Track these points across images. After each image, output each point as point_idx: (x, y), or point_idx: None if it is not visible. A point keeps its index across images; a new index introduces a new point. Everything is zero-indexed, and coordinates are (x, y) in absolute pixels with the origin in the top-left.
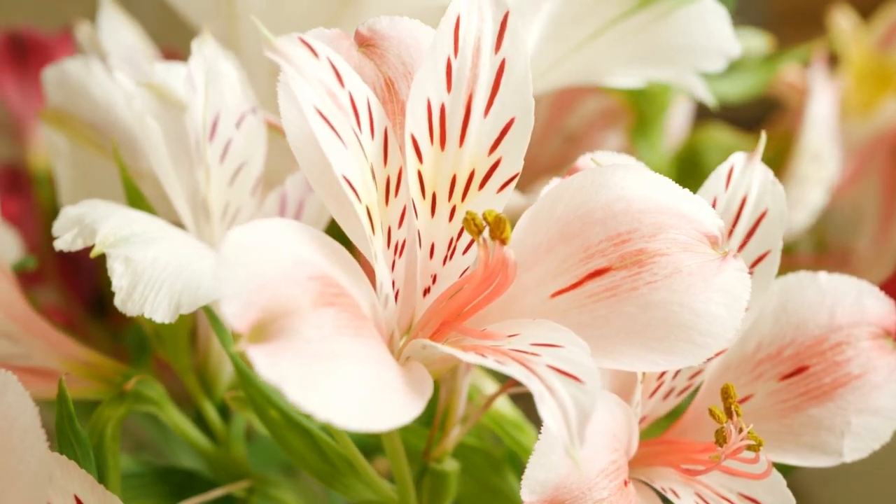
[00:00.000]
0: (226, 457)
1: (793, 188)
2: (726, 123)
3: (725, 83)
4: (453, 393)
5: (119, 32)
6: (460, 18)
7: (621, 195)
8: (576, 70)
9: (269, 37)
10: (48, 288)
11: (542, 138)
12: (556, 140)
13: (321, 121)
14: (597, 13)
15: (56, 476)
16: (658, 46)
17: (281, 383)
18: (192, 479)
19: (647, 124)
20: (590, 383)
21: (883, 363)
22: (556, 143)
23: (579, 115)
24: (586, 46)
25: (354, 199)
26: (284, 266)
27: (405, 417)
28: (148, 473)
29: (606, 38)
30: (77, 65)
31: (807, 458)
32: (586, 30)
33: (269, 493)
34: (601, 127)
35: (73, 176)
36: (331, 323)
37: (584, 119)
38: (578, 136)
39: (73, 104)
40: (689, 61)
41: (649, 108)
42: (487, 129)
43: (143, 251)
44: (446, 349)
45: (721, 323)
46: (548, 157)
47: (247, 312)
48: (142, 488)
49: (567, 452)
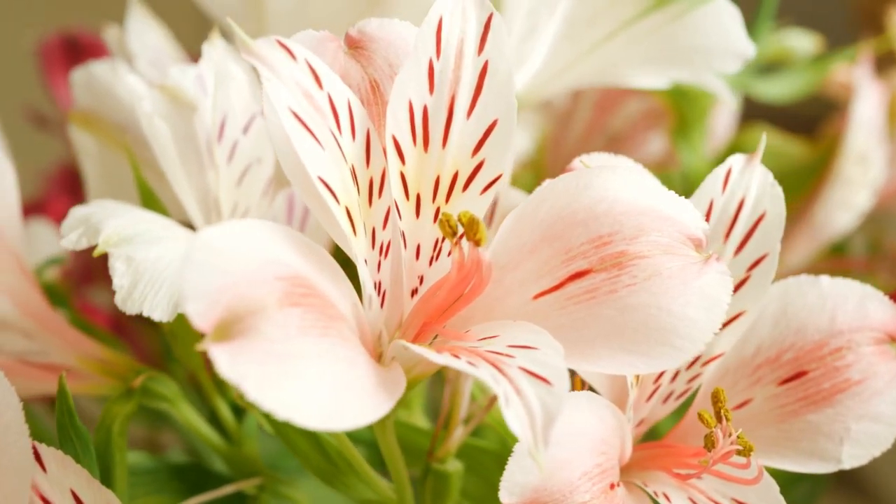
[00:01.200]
0: (238, 454)
1: (837, 190)
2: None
3: (774, 84)
4: (456, 393)
5: (146, 35)
6: (443, 20)
7: (604, 197)
8: (591, 71)
9: (245, 39)
10: (99, 288)
11: (586, 139)
12: (599, 141)
13: (296, 122)
14: (611, 14)
15: (52, 471)
16: (673, 47)
17: (240, 382)
18: (207, 475)
19: (688, 126)
20: (558, 385)
21: (885, 369)
22: (600, 144)
23: (622, 115)
24: (601, 47)
25: (332, 201)
26: (252, 266)
27: (369, 417)
28: (162, 469)
29: (621, 39)
30: (103, 67)
31: (804, 464)
32: (601, 31)
33: (279, 490)
34: (644, 128)
35: (100, 176)
36: (296, 323)
37: (626, 120)
38: (622, 138)
39: (100, 106)
40: (705, 62)
41: (690, 109)
42: (470, 131)
43: (146, 251)
44: (418, 350)
45: (699, 326)
46: None
47: (210, 311)
48: (156, 484)
49: (530, 454)
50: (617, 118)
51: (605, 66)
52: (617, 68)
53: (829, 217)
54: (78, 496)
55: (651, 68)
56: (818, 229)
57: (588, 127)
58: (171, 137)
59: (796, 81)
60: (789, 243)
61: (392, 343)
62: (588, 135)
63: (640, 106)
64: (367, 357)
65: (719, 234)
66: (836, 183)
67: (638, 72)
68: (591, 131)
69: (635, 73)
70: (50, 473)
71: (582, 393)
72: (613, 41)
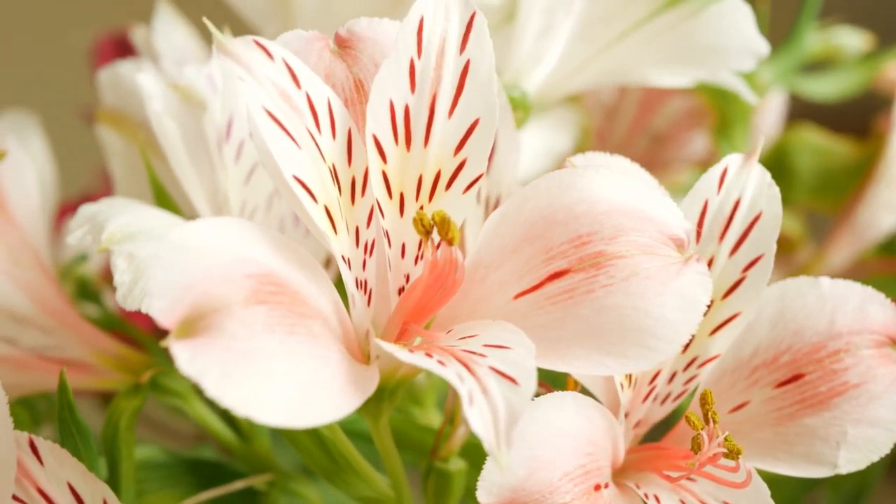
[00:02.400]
0: (250, 451)
1: (883, 191)
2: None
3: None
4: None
5: (172, 35)
6: (424, 19)
7: (586, 197)
8: (607, 69)
9: (221, 39)
10: None
11: (629, 139)
12: (642, 140)
13: (271, 121)
14: (625, 13)
15: (49, 463)
16: (688, 46)
17: (199, 378)
18: (221, 470)
19: (729, 125)
20: (525, 385)
21: (884, 372)
22: (643, 144)
23: (665, 114)
24: (616, 46)
25: (308, 199)
26: (220, 264)
27: (334, 415)
28: (176, 464)
29: (636, 37)
30: (129, 67)
31: (799, 468)
32: (615, 29)
33: (289, 487)
34: (687, 127)
35: (127, 174)
36: (261, 320)
37: (669, 119)
38: (665, 137)
39: (125, 105)
40: (721, 60)
41: (730, 108)
42: (452, 130)
43: (148, 248)
44: (388, 348)
45: (676, 327)
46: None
47: (174, 309)
48: (170, 478)
49: (491, 454)
50: (660, 117)
51: (620, 64)
52: (633, 67)
53: (875, 218)
54: (75, 489)
55: (668, 67)
56: (863, 229)
57: (632, 125)
58: (179, 137)
59: (845, 79)
60: (833, 243)
61: (371, 342)
62: (632, 133)
63: (683, 105)
64: (342, 355)
65: (714, 234)
66: (882, 183)
67: (655, 70)
68: (634, 130)
69: (652, 72)
70: (47, 466)
71: (568, 393)
72: (628, 40)
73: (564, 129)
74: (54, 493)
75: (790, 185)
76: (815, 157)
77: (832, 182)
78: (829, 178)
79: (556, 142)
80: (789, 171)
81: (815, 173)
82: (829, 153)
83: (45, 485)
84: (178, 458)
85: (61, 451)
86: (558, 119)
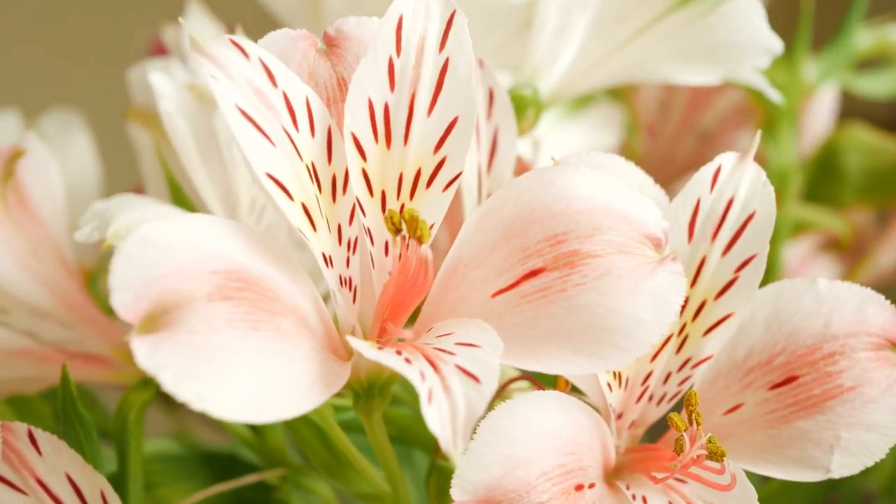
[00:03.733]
0: (264, 445)
1: None
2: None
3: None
4: None
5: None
6: (403, 18)
7: (564, 195)
8: (622, 68)
9: (196, 38)
10: None
11: (677, 137)
12: (690, 139)
13: (243, 120)
14: (638, 11)
15: (48, 454)
16: (703, 44)
17: (157, 372)
18: (236, 464)
19: (774, 123)
20: (486, 383)
21: (881, 376)
22: (691, 142)
23: (713, 112)
24: (631, 44)
25: (282, 197)
26: (186, 260)
27: (294, 411)
28: (192, 457)
29: (650, 35)
30: (158, 66)
31: (792, 472)
32: (629, 27)
33: (301, 482)
34: (735, 125)
35: (156, 172)
36: (224, 316)
37: (717, 117)
38: (713, 135)
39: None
40: (738, 58)
41: (775, 106)
42: (431, 128)
43: None
44: (356, 344)
45: (647, 327)
46: (683, 156)
47: (137, 304)
48: (185, 471)
49: (448, 451)
50: (708, 114)
51: (636, 62)
52: (649, 65)
53: None
54: (73, 480)
55: (684, 65)
56: None
57: (680, 122)
58: (190, 136)
59: None
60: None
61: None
62: (680, 131)
63: (731, 102)
64: (314, 352)
65: (707, 233)
66: None
67: (671, 68)
68: (682, 127)
69: (669, 70)
70: (45, 457)
71: (551, 393)
72: (643, 38)
73: (608, 127)
74: (53, 484)
75: (839, 185)
76: (865, 157)
77: (881, 182)
78: (879, 178)
79: (600, 139)
80: (838, 171)
81: (865, 173)
82: (879, 152)
83: (43, 475)
84: (193, 451)
85: (59, 442)
86: (602, 116)
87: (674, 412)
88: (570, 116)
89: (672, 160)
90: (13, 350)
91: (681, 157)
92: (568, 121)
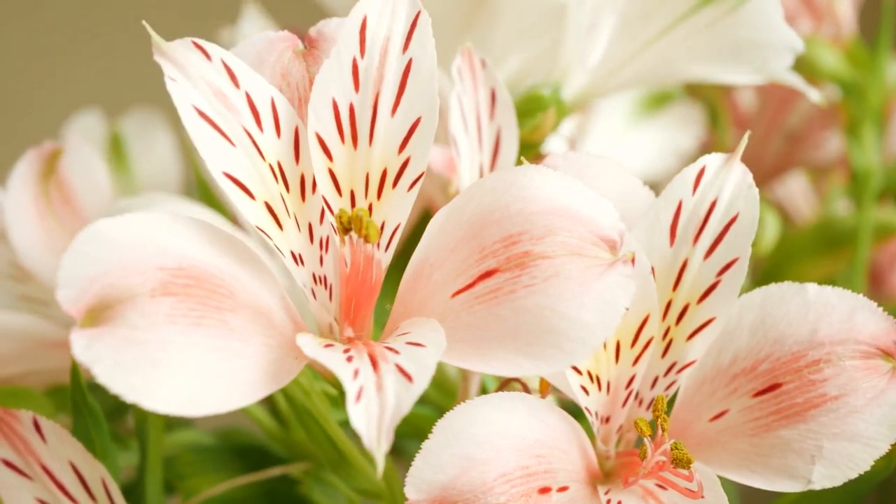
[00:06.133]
0: (290, 439)
1: None
2: None
3: None
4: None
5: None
6: (368, 19)
7: (522, 196)
8: (650, 68)
9: (159, 41)
10: None
11: (764, 138)
12: (777, 140)
13: (200, 120)
14: (662, 9)
15: (52, 442)
16: (728, 42)
17: (91, 365)
18: (268, 457)
19: (857, 124)
20: (418, 383)
21: (867, 385)
22: (778, 143)
23: (799, 113)
24: (657, 43)
25: (241, 195)
26: (133, 257)
27: (232, 405)
28: (225, 449)
29: (676, 34)
30: None
31: (773, 481)
32: (655, 26)
33: (323, 476)
34: (821, 126)
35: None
36: (165, 312)
37: (803, 117)
38: (800, 136)
39: None
40: (761, 57)
41: (858, 107)
42: (395, 128)
43: None
44: (300, 341)
45: (591, 330)
46: (771, 157)
47: (80, 298)
48: (216, 462)
49: (370, 449)
50: (794, 115)
51: (664, 62)
52: (677, 65)
53: None
54: (76, 467)
55: (713, 64)
56: None
57: (768, 123)
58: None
59: None
60: None
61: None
62: (767, 132)
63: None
64: (266, 348)
65: (689, 236)
66: None
67: (700, 68)
68: (770, 128)
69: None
70: (49, 444)
71: (518, 394)
72: (669, 36)
73: (687, 127)
74: (56, 470)
75: None
76: None
77: None
78: None
79: (679, 140)
80: None
81: None
82: None
83: (48, 461)
84: (225, 443)
85: (62, 430)
86: (681, 117)
87: (640, 417)
88: (646, 117)
89: (760, 160)
90: (55, 341)
91: (769, 157)
92: (644, 121)
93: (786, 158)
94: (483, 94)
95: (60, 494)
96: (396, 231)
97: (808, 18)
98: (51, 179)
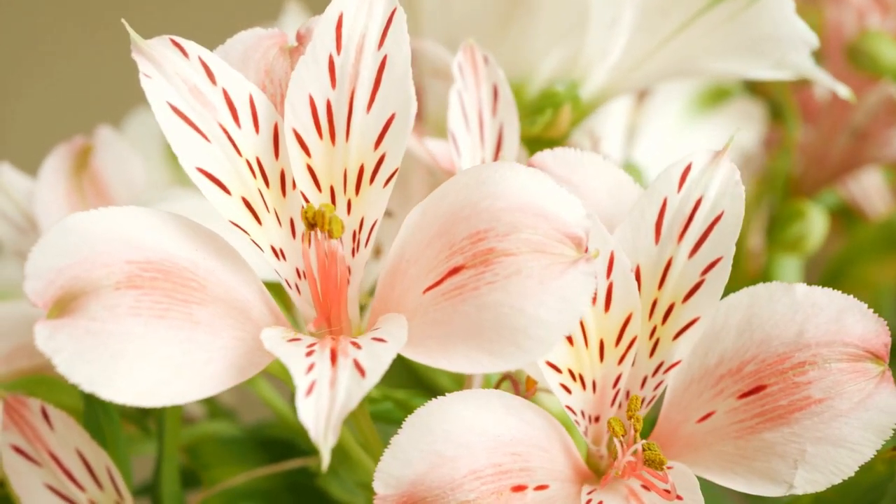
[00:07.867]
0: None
1: None
2: None
3: None
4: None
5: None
6: (344, 15)
7: (491, 192)
8: (671, 63)
9: (136, 37)
10: None
11: (830, 136)
12: (843, 137)
13: (174, 116)
14: (682, 4)
15: (59, 429)
16: (747, 37)
17: (52, 355)
18: (292, 449)
19: None
20: (370, 378)
21: (854, 389)
22: (844, 140)
23: (864, 110)
24: (676, 38)
25: (216, 190)
26: (100, 250)
27: (191, 396)
28: (249, 440)
29: (695, 30)
30: None
31: (756, 485)
32: (673, 21)
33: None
34: (886, 123)
35: None
36: (128, 304)
37: (868, 114)
38: (866, 133)
39: None
40: (779, 52)
41: None
42: (371, 125)
43: None
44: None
45: (549, 328)
46: (837, 154)
47: (46, 290)
48: (240, 454)
49: (317, 443)
50: (860, 112)
51: (684, 57)
52: (698, 60)
53: None
54: (83, 455)
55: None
56: None
57: (832, 124)
58: None
59: None
60: None
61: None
62: (833, 129)
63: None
64: (238, 341)
65: (674, 234)
66: None
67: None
68: (836, 125)
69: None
70: (57, 431)
71: (494, 392)
72: (687, 31)
73: (747, 123)
74: (64, 457)
75: None
76: None
77: None
78: None
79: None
80: None
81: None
82: None
83: (56, 449)
84: (250, 434)
85: (69, 419)
86: (741, 112)
87: (614, 417)
88: (701, 114)
89: (826, 157)
90: None
91: (834, 154)
92: (700, 119)
93: (853, 156)
94: (485, 90)
95: (68, 481)
96: (374, 226)
97: (878, 13)
98: (84, 174)
